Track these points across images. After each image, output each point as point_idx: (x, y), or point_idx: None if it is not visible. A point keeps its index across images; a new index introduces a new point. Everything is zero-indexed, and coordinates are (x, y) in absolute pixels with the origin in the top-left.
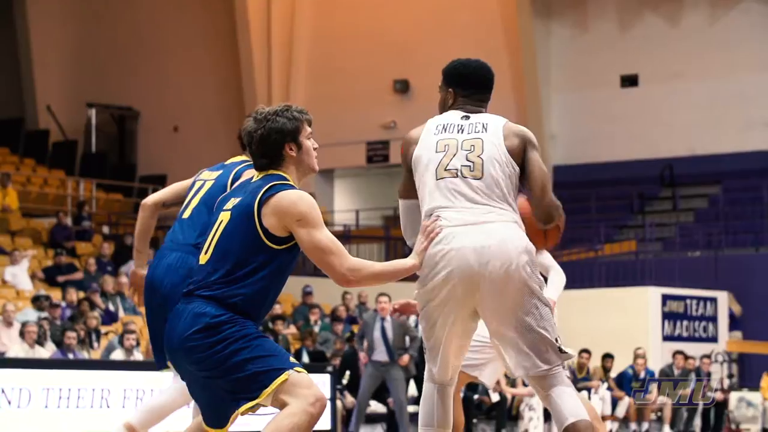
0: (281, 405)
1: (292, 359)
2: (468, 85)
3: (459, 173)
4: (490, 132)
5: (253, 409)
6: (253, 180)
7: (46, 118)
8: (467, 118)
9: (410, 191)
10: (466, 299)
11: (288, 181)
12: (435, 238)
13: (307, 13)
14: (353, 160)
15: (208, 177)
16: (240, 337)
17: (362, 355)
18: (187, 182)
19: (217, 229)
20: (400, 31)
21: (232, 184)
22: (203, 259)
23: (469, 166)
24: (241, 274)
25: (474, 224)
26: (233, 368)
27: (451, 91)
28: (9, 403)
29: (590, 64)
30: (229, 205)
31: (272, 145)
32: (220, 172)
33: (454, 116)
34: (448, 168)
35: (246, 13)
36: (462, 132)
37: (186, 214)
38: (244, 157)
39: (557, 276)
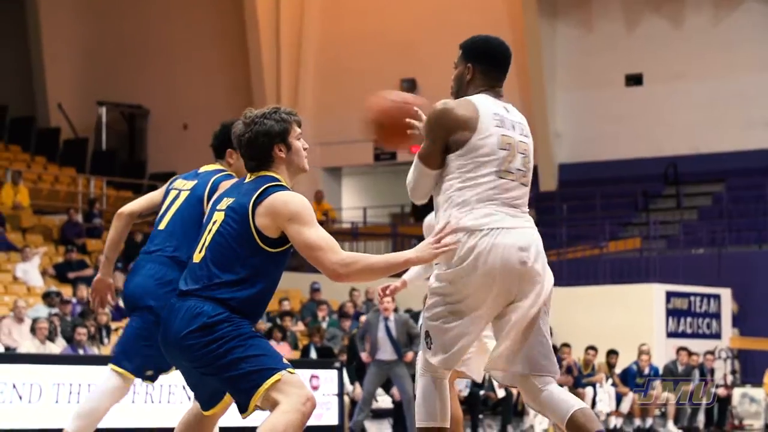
0: (272, 404)
1: (284, 360)
2: (488, 61)
3: (517, 178)
4: (530, 138)
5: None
6: (246, 181)
7: (57, 117)
8: (508, 111)
9: (437, 164)
10: (503, 297)
11: (280, 182)
12: (449, 250)
13: (315, 14)
14: (361, 158)
15: (182, 186)
16: (235, 336)
17: (364, 355)
18: (161, 191)
19: (210, 229)
20: (406, 31)
21: (209, 195)
22: (197, 257)
23: (524, 171)
24: (237, 277)
25: (518, 228)
26: (227, 366)
27: (470, 66)
28: (20, 398)
29: (595, 64)
30: (223, 205)
31: (260, 147)
32: (195, 182)
33: (497, 105)
34: (509, 170)
35: (255, 13)
36: (514, 130)
37: (162, 225)
38: (217, 166)
39: None
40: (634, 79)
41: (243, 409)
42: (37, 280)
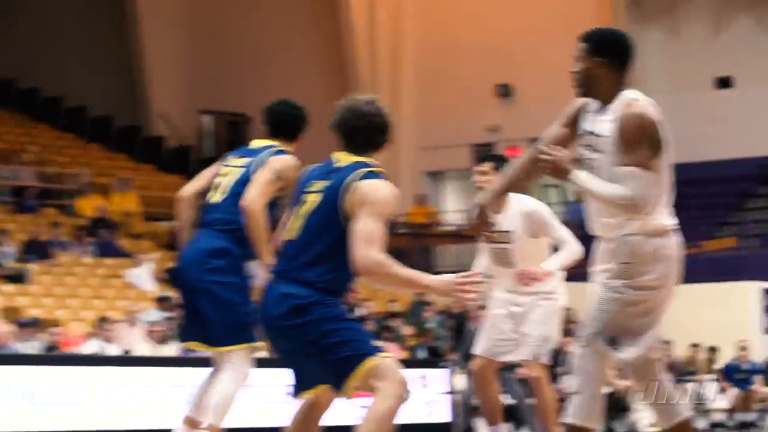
0: (370, 388)
1: (379, 344)
2: (621, 57)
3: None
4: None
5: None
6: (343, 164)
7: (161, 125)
8: None
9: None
10: None
11: (377, 168)
12: (468, 294)
13: (412, 21)
14: (459, 162)
15: (234, 163)
16: (329, 318)
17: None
18: (215, 168)
19: (301, 211)
20: (501, 38)
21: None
22: (287, 236)
23: None
24: (328, 258)
25: None
26: (326, 349)
27: (605, 61)
28: (135, 399)
29: (684, 67)
30: (317, 186)
31: (370, 137)
32: (249, 159)
33: None
34: (670, 166)
35: (351, 20)
36: None
37: (215, 199)
38: (269, 142)
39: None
40: (723, 82)
41: (338, 391)
42: (149, 285)
